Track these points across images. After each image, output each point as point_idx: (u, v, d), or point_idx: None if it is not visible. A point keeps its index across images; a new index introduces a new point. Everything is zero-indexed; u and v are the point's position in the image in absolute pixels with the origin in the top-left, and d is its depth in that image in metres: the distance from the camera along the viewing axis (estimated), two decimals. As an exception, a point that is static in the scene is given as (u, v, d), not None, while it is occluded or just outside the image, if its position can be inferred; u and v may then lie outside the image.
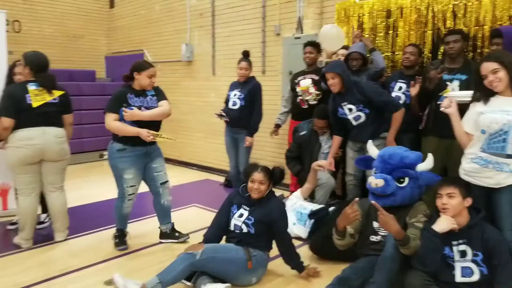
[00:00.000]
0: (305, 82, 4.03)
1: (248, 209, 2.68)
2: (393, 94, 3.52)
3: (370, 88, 3.29)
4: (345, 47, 3.99)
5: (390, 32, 3.96)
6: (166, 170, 3.34)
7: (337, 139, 3.55)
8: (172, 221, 3.41)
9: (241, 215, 2.69)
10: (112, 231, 3.34)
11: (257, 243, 2.68)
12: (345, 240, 2.51)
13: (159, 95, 3.19)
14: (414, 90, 3.33)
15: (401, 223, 2.47)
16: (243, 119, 4.16)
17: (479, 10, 3.42)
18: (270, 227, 2.65)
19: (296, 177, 4.01)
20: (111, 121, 2.99)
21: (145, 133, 2.95)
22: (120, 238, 3.23)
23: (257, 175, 2.66)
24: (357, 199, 2.48)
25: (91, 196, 4.61)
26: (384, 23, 4.00)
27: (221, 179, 5.49)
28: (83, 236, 3.49)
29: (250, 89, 4.16)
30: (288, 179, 4.26)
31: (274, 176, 2.72)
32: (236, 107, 4.18)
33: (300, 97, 4.15)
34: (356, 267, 2.51)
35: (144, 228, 3.65)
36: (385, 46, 4.00)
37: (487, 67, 2.28)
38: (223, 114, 4.26)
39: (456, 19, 3.54)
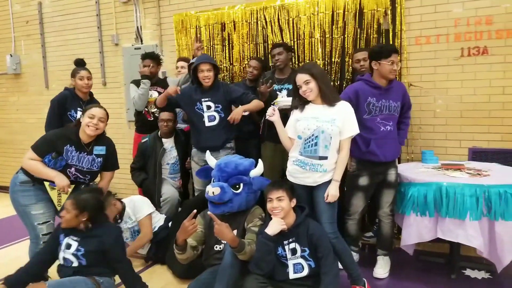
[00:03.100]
0: (152, 95, 3.88)
1: (76, 239, 2.41)
2: None
3: (232, 86, 3.34)
4: (184, 59, 3.97)
5: (226, 44, 4.12)
6: None
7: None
8: None
9: (68, 246, 2.40)
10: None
11: (99, 271, 2.43)
12: (186, 253, 2.46)
13: (110, 158, 2.81)
14: None
15: (240, 229, 2.56)
16: None
17: (300, 24, 3.81)
18: (105, 255, 2.42)
19: (140, 187, 3.72)
20: (29, 160, 2.57)
21: (62, 184, 2.55)
22: None
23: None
24: (195, 211, 2.41)
25: None
26: (220, 36, 4.13)
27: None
28: None
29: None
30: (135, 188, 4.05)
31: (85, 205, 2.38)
32: None
33: (145, 109, 3.99)
34: (200, 279, 2.50)
35: None
36: (223, 58, 4.14)
37: (301, 78, 2.52)
38: None
39: (283, 33, 3.87)
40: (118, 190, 4.86)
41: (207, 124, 3.20)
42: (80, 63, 3.53)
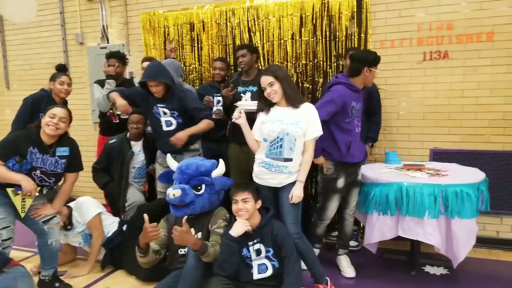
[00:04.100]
0: None
1: None
2: (214, 109, 3.52)
3: (188, 94, 3.20)
4: (150, 59, 3.89)
5: (195, 44, 4.09)
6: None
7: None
8: (56, 267, 2.84)
9: None
10: None
11: None
12: (148, 257, 2.43)
13: (73, 159, 2.73)
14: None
15: (204, 231, 2.54)
16: None
17: (269, 27, 3.83)
18: None
19: (103, 190, 3.59)
20: None
21: (29, 187, 2.47)
22: None
23: None
24: (146, 216, 2.34)
25: None
26: (189, 36, 4.10)
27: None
28: None
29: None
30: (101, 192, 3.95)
31: None
32: None
33: (110, 111, 3.90)
34: (163, 283, 2.47)
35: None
36: (192, 59, 4.11)
37: (265, 80, 2.53)
38: None
39: (252, 34, 3.88)
40: (83, 194, 4.71)
41: (165, 128, 3.13)
42: (62, 69, 3.53)
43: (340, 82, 2.79)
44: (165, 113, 3.11)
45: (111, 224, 3.23)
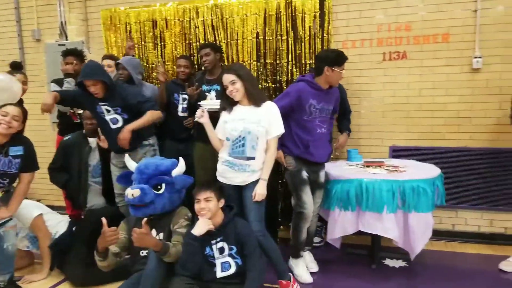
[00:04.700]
0: None
1: None
2: (180, 107, 3.50)
3: (129, 90, 3.10)
4: (110, 57, 3.81)
5: (158, 42, 4.03)
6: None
7: None
8: (12, 271, 2.71)
9: None
10: None
11: None
12: (108, 260, 2.38)
13: (28, 158, 2.62)
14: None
15: (166, 232, 2.51)
16: None
17: (233, 26, 3.83)
18: None
19: (63, 189, 3.46)
20: None
21: None
22: None
23: None
24: (103, 219, 2.29)
25: None
26: (152, 34, 4.03)
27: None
28: None
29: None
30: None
31: None
32: None
33: (71, 110, 3.77)
34: (126, 284, 2.42)
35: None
36: (154, 56, 4.04)
37: (227, 78, 2.53)
38: None
39: (216, 33, 3.86)
40: (43, 196, 4.57)
41: (112, 126, 3.03)
42: (17, 67, 3.41)
43: (302, 79, 2.84)
44: (108, 111, 3.01)
45: (57, 224, 3.12)
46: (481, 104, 3.43)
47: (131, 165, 2.69)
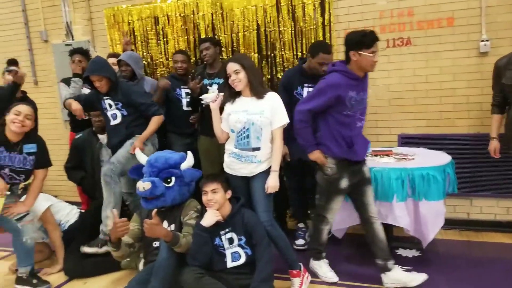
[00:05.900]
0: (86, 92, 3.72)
1: None
2: (184, 101, 3.51)
3: (133, 89, 3.17)
4: (114, 55, 3.84)
5: (161, 39, 4.04)
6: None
7: None
8: (32, 264, 2.82)
9: None
10: None
11: None
12: (121, 250, 2.45)
13: (41, 155, 2.69)
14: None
15: (177, 224, 2.55)
16: None
17: (233, 19, 3.82)
18: None
19: (80, 185, 3.62)
20: None
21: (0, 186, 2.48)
22: None
23: None
24: (115, 211, 2.43)
25: None
26: (154, 30, 4.05)
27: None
28: None
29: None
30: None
31: None
32: None
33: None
34: (139, 276, 2.47)
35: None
36: (158, 53, 4.06)
37: (231, 67, 2.53)
38: None
39: (217, 26, 3.86)
40: (59, 192, 4.64)
41: (112, 122, 3.10)
42: (12, 63, 3.57)
43: (336, 69, 2.48)
44: (110, 106, 3.09)
45: (68, 213, 3.19)
46: (491, 88, 3.36)
47: (143, 158, 2.75)
